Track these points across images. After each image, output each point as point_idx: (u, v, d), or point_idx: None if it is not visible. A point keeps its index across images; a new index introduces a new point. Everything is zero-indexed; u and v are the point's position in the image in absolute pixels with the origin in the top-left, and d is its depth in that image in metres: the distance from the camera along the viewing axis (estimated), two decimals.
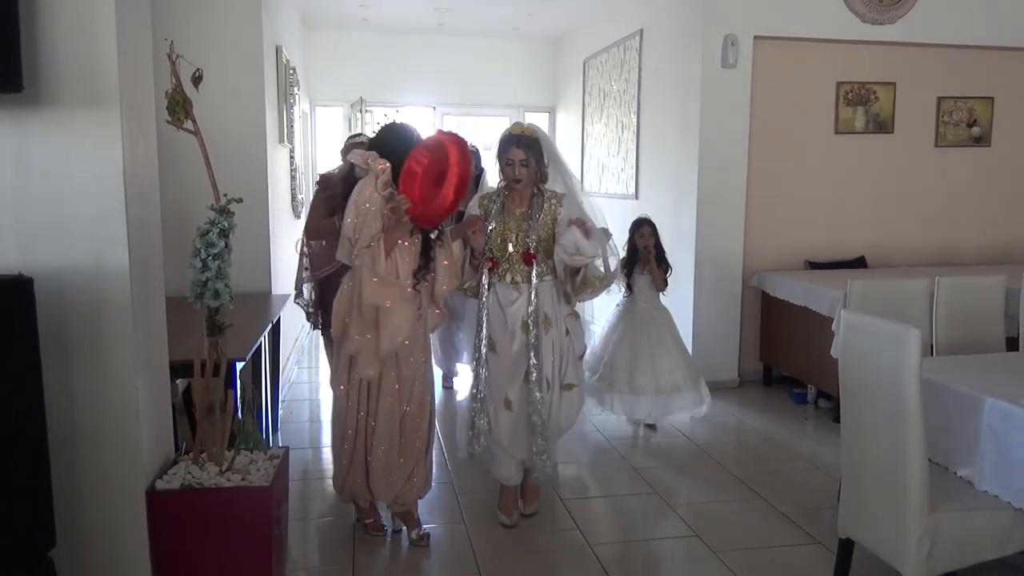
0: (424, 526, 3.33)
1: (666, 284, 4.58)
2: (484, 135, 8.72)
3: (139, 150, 2.25)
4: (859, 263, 5.72)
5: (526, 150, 3.26)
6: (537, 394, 3.29)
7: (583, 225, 3.19)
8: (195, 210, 2.76)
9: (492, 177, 3.94)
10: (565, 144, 8.80)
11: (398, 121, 3.26)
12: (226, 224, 2.28)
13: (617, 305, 4.65)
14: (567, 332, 3.40)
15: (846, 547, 2.86)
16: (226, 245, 2.29)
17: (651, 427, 4.67)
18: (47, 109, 2.04)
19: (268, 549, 2.32)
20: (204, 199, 2.38)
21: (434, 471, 4.01)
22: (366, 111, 8.19)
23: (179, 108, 2.24)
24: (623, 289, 4.51)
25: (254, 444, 2.48)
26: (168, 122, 2.26)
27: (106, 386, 2.16)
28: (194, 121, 2.28)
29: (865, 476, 2.71)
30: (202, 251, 2.25)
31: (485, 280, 3.34)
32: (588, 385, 4.00)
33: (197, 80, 2.28)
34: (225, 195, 2.32)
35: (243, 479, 2.36)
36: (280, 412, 4.88)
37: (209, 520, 2.27)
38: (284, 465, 2.53)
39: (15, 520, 1.79)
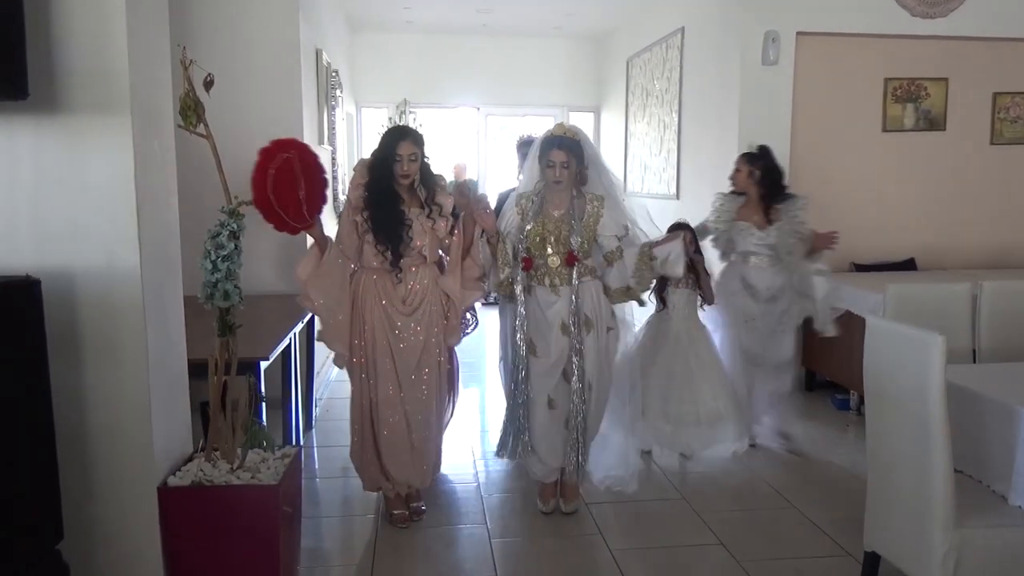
0: (444, 526, 3.38)
1: (713, 298, 4.21)
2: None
3: (153, 154, 2.30)
4: (908, 265, 5.53)
5: (567, 152, 3.26)
6: (575, 395, 3.32)
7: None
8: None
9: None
10: (609, 144, 8.74)
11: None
12: (236, 226, 2.32)
13: (648, 322, 4.23)
14: (608, 330, 3.41)
15: (872, 561, 2.76)
16: (236, 247, 2.32)
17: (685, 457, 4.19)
18: (61, 115, 2.11)
19: (275, 546, 2.34)
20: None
21: (460, 471, 4.07)
22: (409, 112, 8.25)
23: (191, 112, 2.28)
24: (656, 303, 4.13)
25: (265, 442, 2.51)
26: (179, 126, 2.30)
27: (118, 384, 2.21)
28: (206, 125, 2.33)
29: (890, 487, 2.61)
30: (212, 253, 2.29)
31: (520, 283, 3.34)
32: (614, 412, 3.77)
33: (209, 84, 2.32)
34: (236, 197, 2.36)
35: (252, 477, 2.39)
36: (316, 411, 4.95)
37: (218, 517, 2.31)
38: (295, 464, 2.56)
39: (22, 514, 1.85)
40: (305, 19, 5.00)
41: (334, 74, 6.35)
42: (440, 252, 3.38)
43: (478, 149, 9.36)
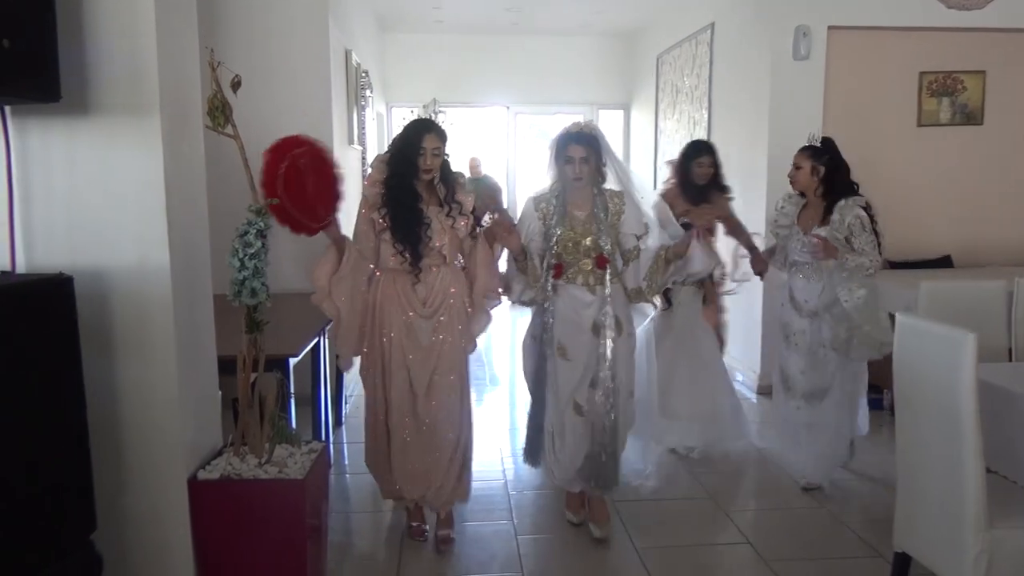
0: (470, 523, 3.38)
1: (715, 299, 4.15)
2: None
3: (182, 154, 2.35)
4: (944, 262, 5.42)
5: (586, 147, 3.15)
6: (606, 399, 3.18)
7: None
8: None
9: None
10: (639, 142, 8.70)
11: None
12: (263, 224, 2.35)
13: (651, 319, 3.98)
14: (628, 335, 3.29)
15: (902, 562, 2.72)
16: (263, 245, 2.36)
17: (680, 452, 4.19)
18: (94, 117, 2.16)
19: (303, 539, 2.38)
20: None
21: (487, 468, 4.07)
22: (439, 111, 8.29)
23: (219, 113, 2.32)
24: (661, 303, 3.95)
25: (287, 438, 2.54)
26: (207, 127, 2.35)
27: (149, 380, 2.26)
28: (234, 126, 2.37)
29: (920, 487, 2.57)
30: (240, 251, 2.33)
31: (549, 285, 3.22)
32: None
33: (236, 86, 2.36)
34: (263, 196, 2.40)
35: (280, 472, 2.43)
36: (345, 407, 5.01)
37: (246, 509, 2.35)
38: (322, 459, 2.59)
39: (57, 505, 1.90)
40: (334, 20, 5.06)
41: (364, 74, 6.41)
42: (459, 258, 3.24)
43: (508, 148, 9.38)
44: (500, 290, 3.28)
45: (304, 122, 4.77)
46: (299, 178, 2.65)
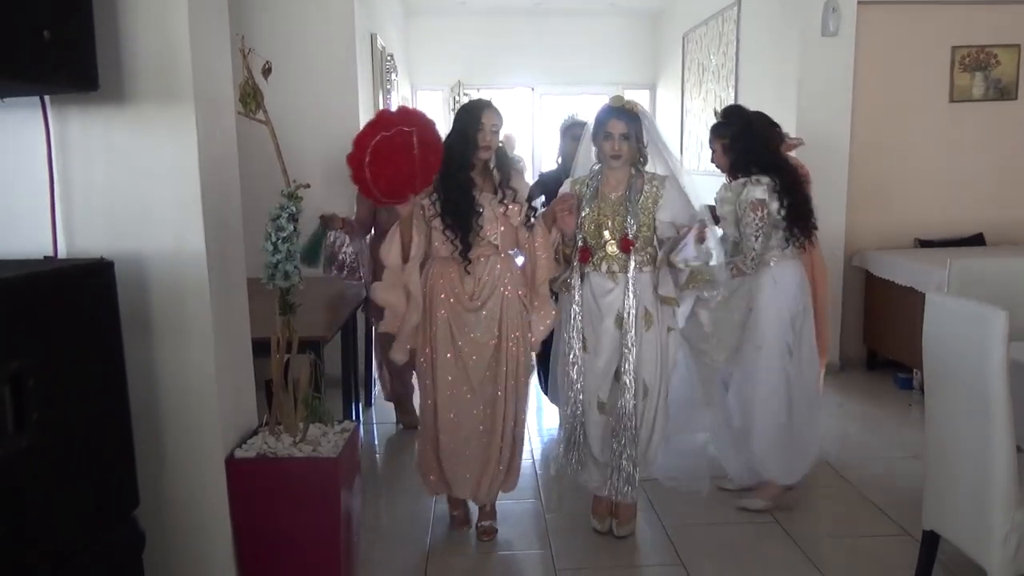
0: (499, 501, 3.38)
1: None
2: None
3: (216, 140, 2.39)
4: (976, 240, 5.36)
5: (627, 123, 2.98)
6: (628, 398, 3.00)
7: (702, 231, 2.88)
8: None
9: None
10: (665, 122, 8.63)
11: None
12: (295, 209, 2.39)
13: None
14: (668, 330, 3.10)
15: (930, 540, 2.72)
16: (295, 229, 2.40)
17: None
18: (130, 105, 2.21)
19: (336, 516, 2.44)
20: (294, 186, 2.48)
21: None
22: (464, 94, 8.31)
23: (250, 99, 2.36)
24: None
25: (320, 417, 2.60)
26: (240, 113, 2.39)
27: (187, 361, 2.31)
28: (265, 111, 2.40)
29: (949, 466, 2.57)
30: (272, 235, 2.37)
31: (576, 272, 3.08)
32: None
33: (267, 72, 2.39)
34: (294, 181, 2.44)
35: (314, 450, 2.48)
36: (375, 389, 5.07)
37: (281, 487, 2.41)
38: (354, 439, 2.64)
39: (101, 482, 1.97)
40: (360, 4, 5.08)
41: (389, 58, 6.43)
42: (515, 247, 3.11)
43: (533, 129, 9.36)
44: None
45: (331, 106, 4.85)
46: (394, 151, 2.57)
